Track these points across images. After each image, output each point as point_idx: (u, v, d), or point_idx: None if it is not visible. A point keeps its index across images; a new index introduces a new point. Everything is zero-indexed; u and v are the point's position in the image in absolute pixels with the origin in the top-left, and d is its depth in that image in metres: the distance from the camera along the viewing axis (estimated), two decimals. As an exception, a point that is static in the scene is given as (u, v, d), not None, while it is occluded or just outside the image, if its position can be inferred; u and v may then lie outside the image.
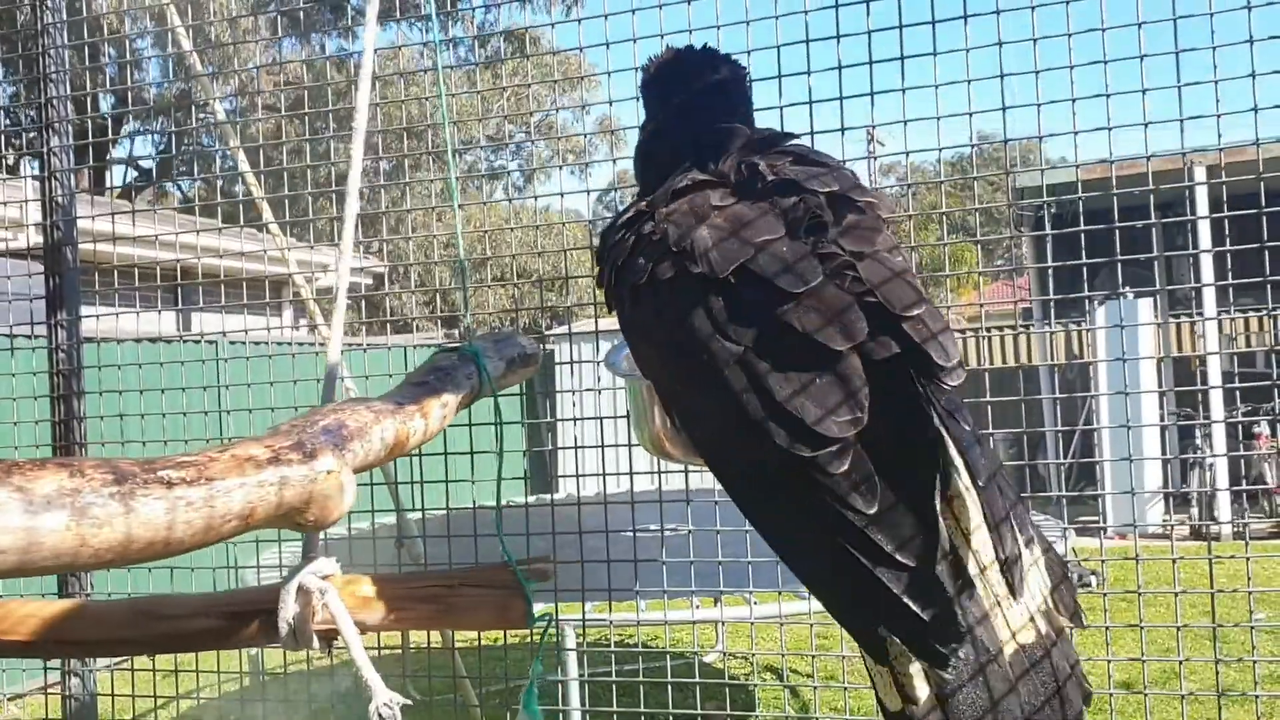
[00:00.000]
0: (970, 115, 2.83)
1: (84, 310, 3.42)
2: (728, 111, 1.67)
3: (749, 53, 2.84)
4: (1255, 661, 2.74)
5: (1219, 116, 2.62)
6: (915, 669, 1.29)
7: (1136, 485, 8.20)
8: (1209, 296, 9.45)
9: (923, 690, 1.29)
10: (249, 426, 3.21)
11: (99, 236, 3.53)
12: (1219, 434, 9.85)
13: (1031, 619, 1.34)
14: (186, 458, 1.18)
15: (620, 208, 1.63)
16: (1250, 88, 2.61)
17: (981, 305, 13.63)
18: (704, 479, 3.12)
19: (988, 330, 14.04)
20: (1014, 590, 1.33)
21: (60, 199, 3.33)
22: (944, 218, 3.18)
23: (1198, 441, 10.29)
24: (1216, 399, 8.87)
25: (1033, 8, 2.76)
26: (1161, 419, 9.15)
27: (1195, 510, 9.98)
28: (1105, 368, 8.64)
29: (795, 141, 1.61)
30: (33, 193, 3.66)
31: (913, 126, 2.85)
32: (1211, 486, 9.55)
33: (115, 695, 3.55)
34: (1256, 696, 2.77)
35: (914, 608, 1.26)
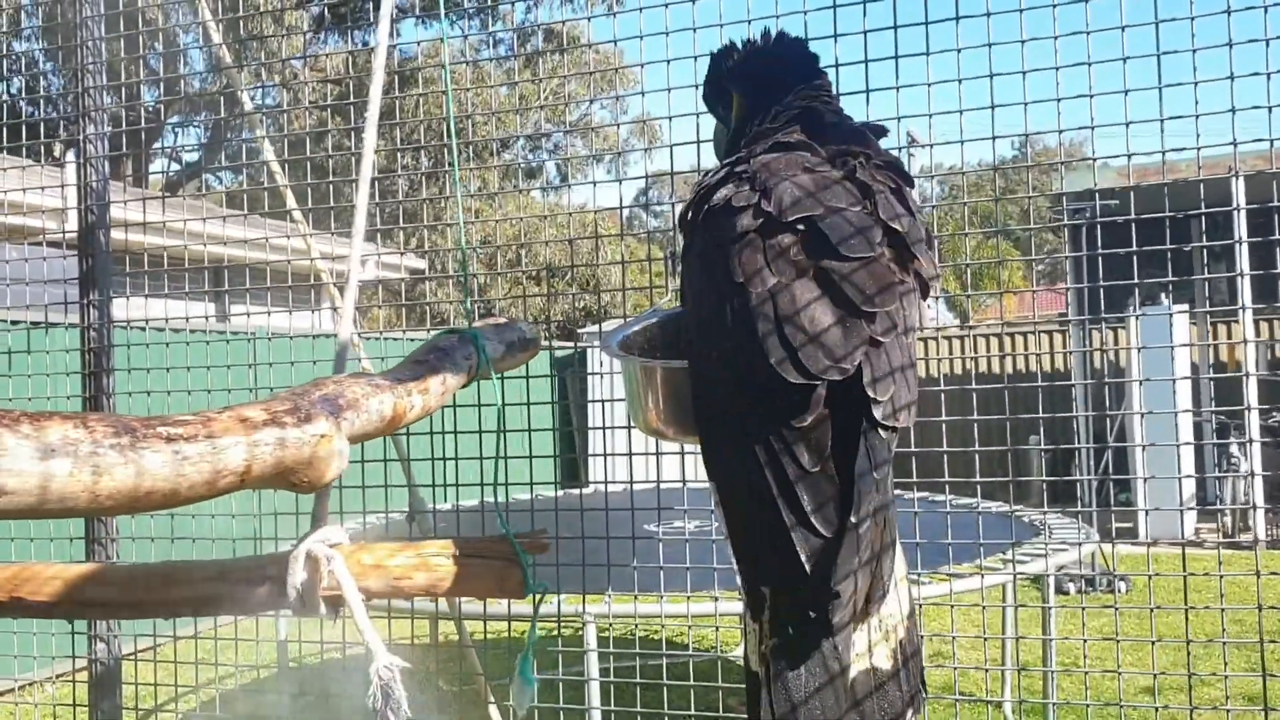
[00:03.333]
0: (992, 108, 2.81)
1: (115, 299, 3.50)
2: (818, 94, 1.73)
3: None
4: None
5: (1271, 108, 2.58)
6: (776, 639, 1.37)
7: (1169, 494, 8.10)
8: (1246, 304, 9.34)
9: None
10: None
11: (131, 225, 3.61)
12: (1256, 448, 9.75)
13: (882, 643, 1.43)
14: (187, 416, 1.25)
15: (655, 205, 1.71)
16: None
17: (1002, 321, 13.54)
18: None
19: (1024, 338, 13.96)
20: (869, 614, 1.41)
21: (95, 184, 3.43)
22: (983, 222, 3.15)
23: (1233, 450, 10.18)
24: (1253, 414, 8.77)
25: (1054, 5, 2.75)
26: (1196, 428, 9.05)
27: (1229, 520, 9.89)
28: (1138, 378, 8.58)
29: (887, 150, 1.66)
30: (69, 178, 3.74)
31: (950, 128, 2.85)
32: (1247, 496, 9.45)
33: (139, 683, 3.60)
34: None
35: (810, 575, 1.34)
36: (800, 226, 1.45)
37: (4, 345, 3.73)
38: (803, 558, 1.34)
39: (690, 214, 1.62)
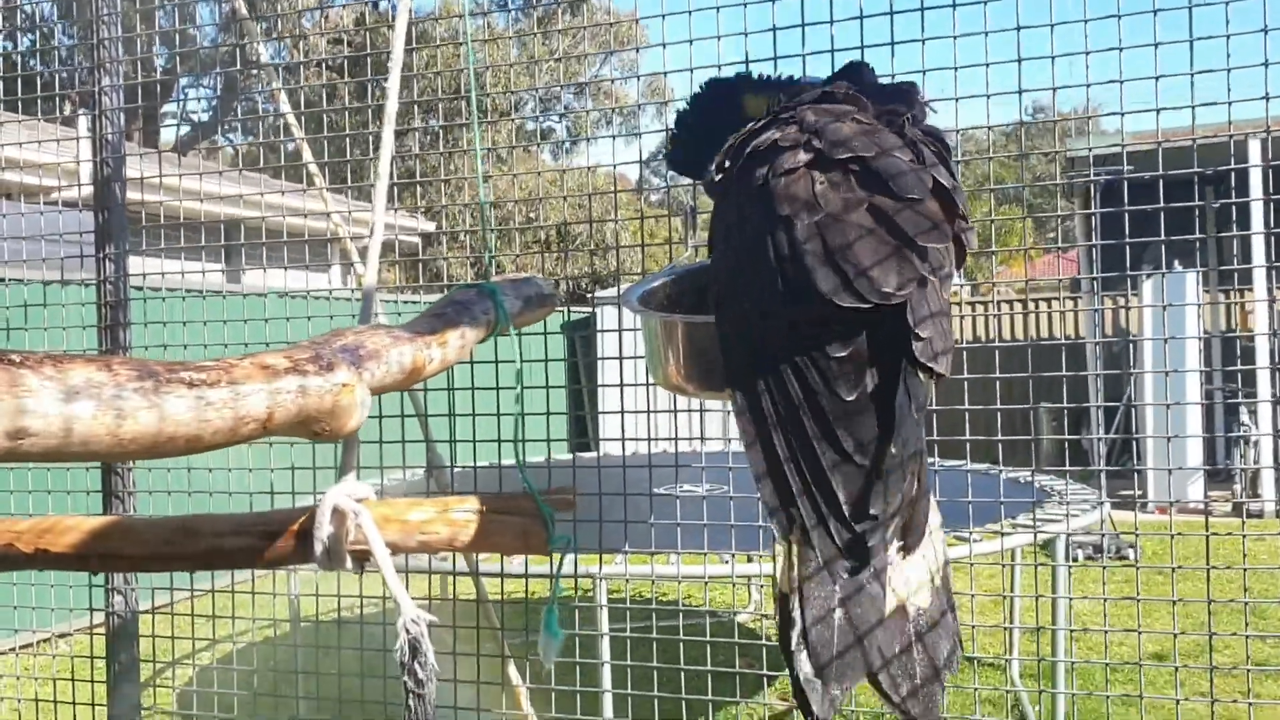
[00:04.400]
0: (1021, 65, 2.79)
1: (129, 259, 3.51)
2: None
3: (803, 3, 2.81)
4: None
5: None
6: (812, 563, 1.34)
7: (1177, 460, 8.10)
8: (1259, 275, 9.31)
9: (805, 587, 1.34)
10: None
11: (147, 184, 3.61)
12: (1265, 415, 9.74)
13: (926, 587, 1.40)
14: (210, 362, 1.24)
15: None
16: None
17: (1027, 280, 13.50)
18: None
19: (1034, 303, 13.92)
20: (908, 550, 1.39)
21: (110, 136, 3.41)
22: (994, 190, 3.13)
23: (1243, 418, 10.16)
24: (1264, 376, 8.74)
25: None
26: (1205, 395, 9.04)
27: (1238, 487, 9.89)
28: (1150, 343, 8.55)
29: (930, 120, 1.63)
30: (84, 131, 3.74)
31: (962, 93, 2.82)
32: (1255, 463, 9.45)
33: (156, 636, 3.63)
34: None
35: (847, 506, 1.32)
36: (853, 166, 1.43)
37: (20, 300, 3.74)
38: (839, 490, 1.33)
39: (728, 161, 1.58)
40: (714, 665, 3.20)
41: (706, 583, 5.46)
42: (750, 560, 4.23)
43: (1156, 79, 2.67)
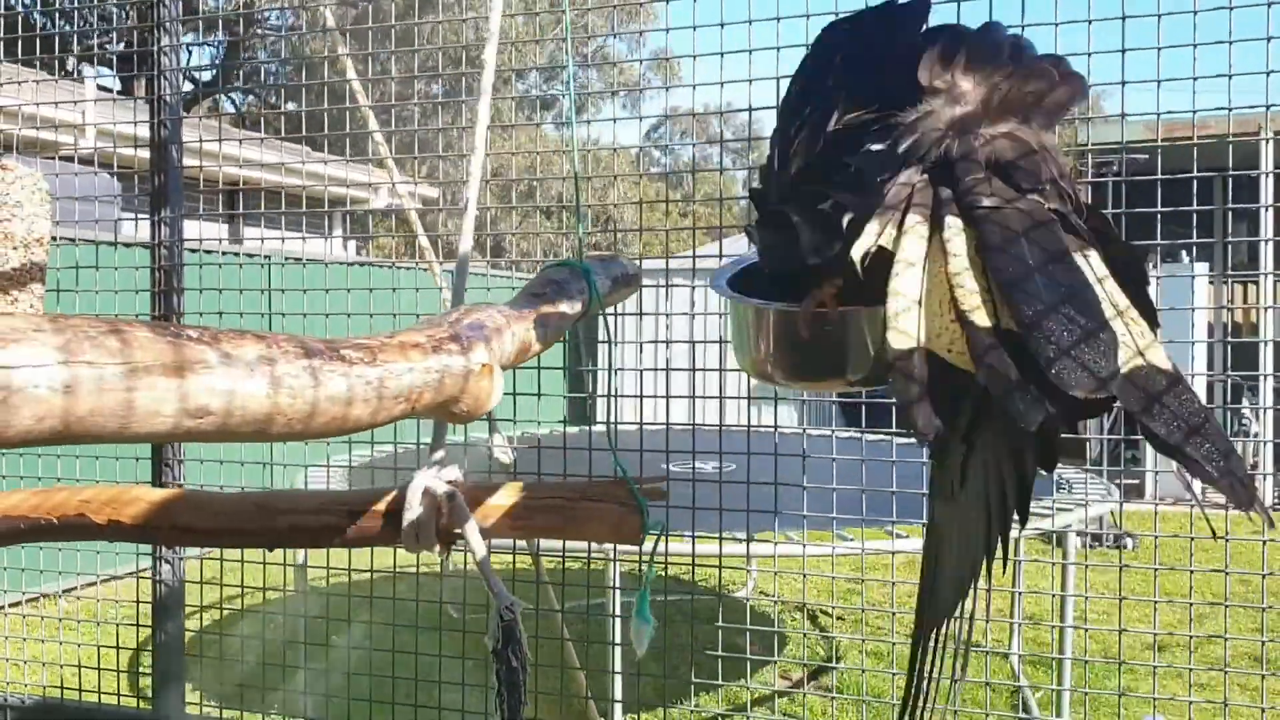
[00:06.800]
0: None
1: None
2: None
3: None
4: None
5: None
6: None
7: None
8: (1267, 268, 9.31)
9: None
10: (346, 330, 3.34)
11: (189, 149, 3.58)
12: (1268, 412, 9.75)
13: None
14: (360, 340, 1.22)
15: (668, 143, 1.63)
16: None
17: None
18: (759, 415, 3.14)
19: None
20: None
21: (169, 97, 3.39)
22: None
23: (1245, 413, 10.18)
24: (1267, 379, 8.73)
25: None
26: (1208, 388, 9.04)
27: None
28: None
29: None
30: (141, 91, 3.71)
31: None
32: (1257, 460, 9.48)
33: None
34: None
35: None
36: None
37: (72, 260, 3.69)
38: None
39: None
40: (713, 645, 3.21)
41: (720, 565, 5.46)
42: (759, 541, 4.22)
43: (1159, 82, 2.67)
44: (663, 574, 3.44)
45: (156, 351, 0.95)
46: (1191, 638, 2.86)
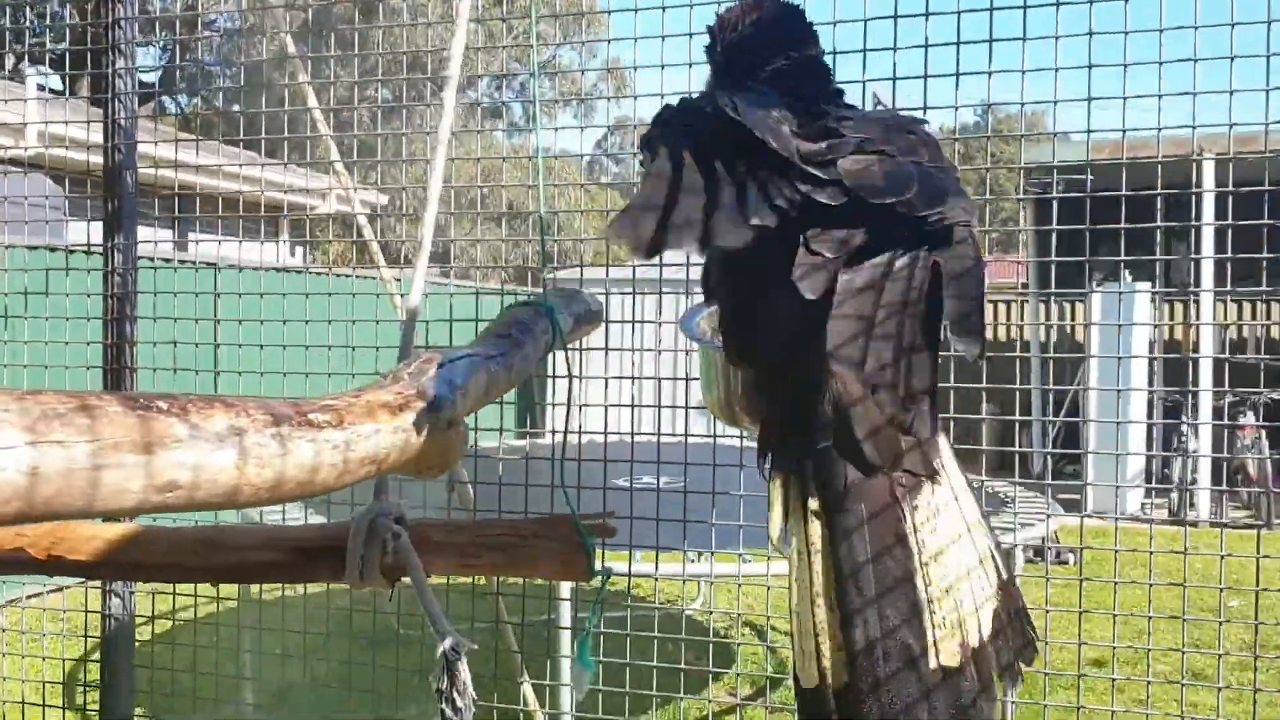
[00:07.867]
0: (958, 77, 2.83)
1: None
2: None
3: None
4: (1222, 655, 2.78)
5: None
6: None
7: (1119, 469, 8.24)
8: (1206, 286, 9.46)
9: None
10: (303, 360, 3.28)
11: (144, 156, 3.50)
12: (1205, 428, 9.92)
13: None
14: (328, 400, 1.20)
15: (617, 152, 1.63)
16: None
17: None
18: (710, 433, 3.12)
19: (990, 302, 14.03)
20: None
21: (123, 121, 3.29)
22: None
23: (1183, 429, 10.32)
24: (1205, 396, 8.87)
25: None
26: (1149, 404, 9.17)
27: (1175, 496, 10.06)
28: (1097, 351, 8.65)
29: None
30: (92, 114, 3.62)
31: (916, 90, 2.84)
32: (1192, 475, 9.62)
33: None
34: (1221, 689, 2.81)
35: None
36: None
37: (21, 269, 3.59)
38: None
39: None
40: (661, 660, 3.20)
41: (685, 581, 5.46)
42: (700, 558, 4.21)
43: (1125, 99, 2.71)
44: (613, 586, 3.41)
45: (126, 427, 0.93)
46: (1121, 647, 2.89)
